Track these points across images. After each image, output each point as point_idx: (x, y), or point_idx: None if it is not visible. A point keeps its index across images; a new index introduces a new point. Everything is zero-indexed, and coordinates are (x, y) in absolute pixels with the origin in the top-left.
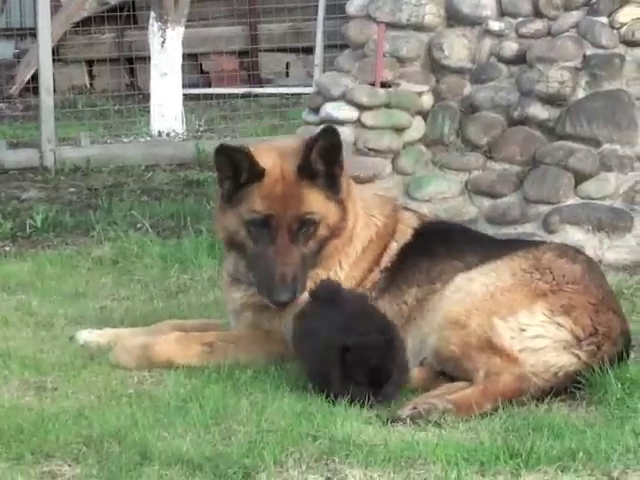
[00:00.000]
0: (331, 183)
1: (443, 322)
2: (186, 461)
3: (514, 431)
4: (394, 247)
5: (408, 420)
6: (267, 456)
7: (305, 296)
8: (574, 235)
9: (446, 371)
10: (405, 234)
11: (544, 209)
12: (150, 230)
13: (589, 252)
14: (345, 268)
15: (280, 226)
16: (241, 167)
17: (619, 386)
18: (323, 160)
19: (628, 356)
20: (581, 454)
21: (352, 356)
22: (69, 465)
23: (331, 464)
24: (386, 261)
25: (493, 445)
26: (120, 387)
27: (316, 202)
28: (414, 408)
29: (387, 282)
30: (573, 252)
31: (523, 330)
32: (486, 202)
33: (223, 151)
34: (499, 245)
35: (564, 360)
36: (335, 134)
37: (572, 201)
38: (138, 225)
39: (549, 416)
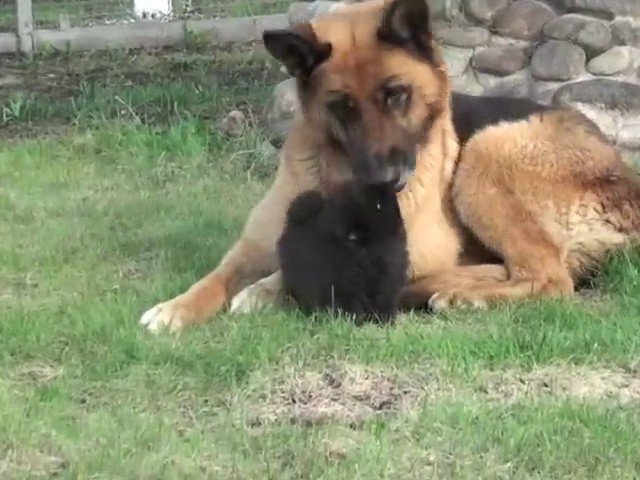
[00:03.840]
0: (421, 49)
1: (485, 147)
2: (175, 359)
3: (524, 322)
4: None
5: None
6: (262, 352)
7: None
8: (586, 114)
9: (474, 233)
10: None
11: (553, 86)
12: (135, 116)
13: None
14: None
15: (361, 100)
16: (301, 51)
17: (636, 273)
18: (407, 26)
19: None
20: (596, 345)
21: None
22: (51, 366)
23: (330, 360)
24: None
25: (502, 337)
26: (104, 282)
27: (401, 64)
28: (451, 302)
29: None
30: (591, 124)
31: (570, 228)
32: (492, 80)
33: (272, 40)
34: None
35: (616, 238)
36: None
37: (583, 77)
38: (122, 111)
39: (561, 305)
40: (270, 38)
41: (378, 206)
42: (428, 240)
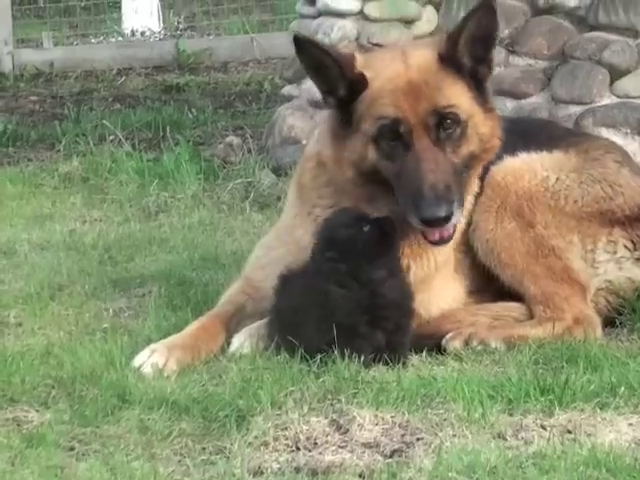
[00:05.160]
0: (478, 86)
1: (502, 178)
2: (171, 404)
3: (545, 364)
4: None
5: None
6: (263, 397)
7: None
8: (610, 139)
9: (493, 271)
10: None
11: (575, 110)
12: (124, 142)
13: None
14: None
15: (414, 127)
16: (331, 75)
17: None
18: (470, 51)
19: None
20: (622, 389)
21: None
22: (37, 411)
23: (337, 404)
24: None
25: (522, 380)
26: (93, 321)
27: (461, 97)
28: (466, 342)
29: None
30: (621, 153)
31: (596, 266)
32: (509, 103)
33: (301, 47)
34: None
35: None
36: (492, 12)
37: (607, 100)
38: (111, 137)
39: (585, 346)
40: (299, 43)
41: (365, 228)
42: (446, 300)
